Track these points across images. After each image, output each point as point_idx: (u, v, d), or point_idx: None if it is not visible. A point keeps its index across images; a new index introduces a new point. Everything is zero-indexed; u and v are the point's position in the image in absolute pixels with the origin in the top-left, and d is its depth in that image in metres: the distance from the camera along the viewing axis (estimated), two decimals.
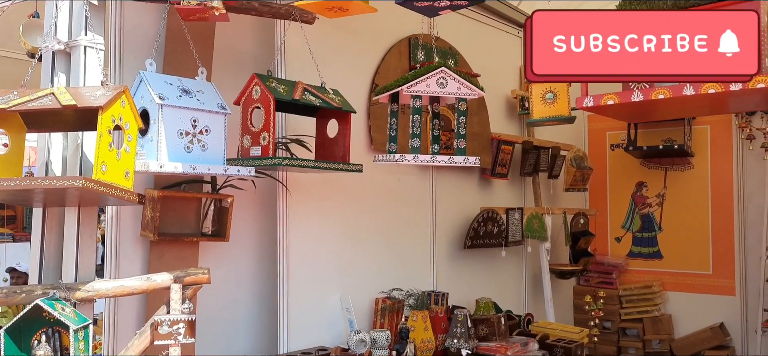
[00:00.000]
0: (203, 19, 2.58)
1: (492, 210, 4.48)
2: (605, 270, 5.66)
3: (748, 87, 2.07)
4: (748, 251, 5.23)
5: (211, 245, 3.01)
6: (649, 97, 2.25)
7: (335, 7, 2.26)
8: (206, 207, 2.92)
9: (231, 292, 3.19)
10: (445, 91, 2.85)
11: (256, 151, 2.60)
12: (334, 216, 3.50)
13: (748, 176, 5.24)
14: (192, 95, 2.49)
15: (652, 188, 5.72)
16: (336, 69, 3.40)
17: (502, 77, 4.93)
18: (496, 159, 4.66)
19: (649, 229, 5.73)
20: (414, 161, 2.85)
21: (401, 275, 3.85)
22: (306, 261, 3.28)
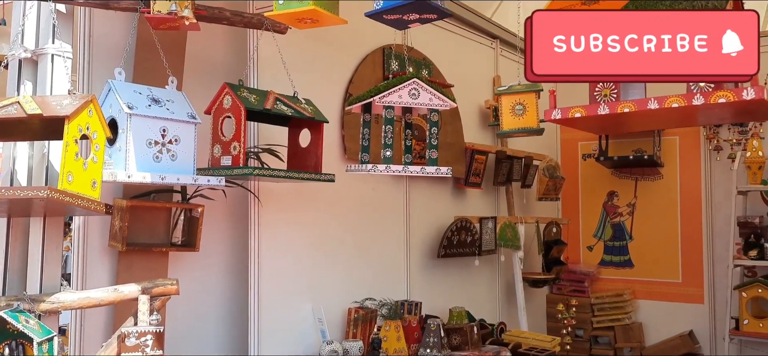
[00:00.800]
0: (174, 28, 2.57)
1: (465, 220, 4.51)
2: (577, 278, 5.73)
3: (710, 102, 2.12)
4: (716, 260, 5.34)
5: (181, 255, 2.98)
6: (615, 111, 2.30)
7: (306, 18, 2.26)
8: (176, 217, 2.89)
9: (201, 303, 3.16)
10: (417, 102, 2.87)
11: (227, 160, 2.59)
12: (306, 225, 3.49)
13: (715, 186, 5.35)
14: (162, 104, 2.48)
15: (623, 198, 5.81)
16: (309, 78, 3.40)
17: (476, 87, 4.97)
18: (469, 168, 4.69)
19: (620, 238, 5.82)
20: (386, 171, 2.86)
21: (374, 284, 3.85)
22: (278, 271, 3.26)
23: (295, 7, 2.18)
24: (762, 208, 5.10)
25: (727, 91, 2.09)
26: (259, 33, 2.96)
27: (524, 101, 2.89)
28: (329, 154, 3.45)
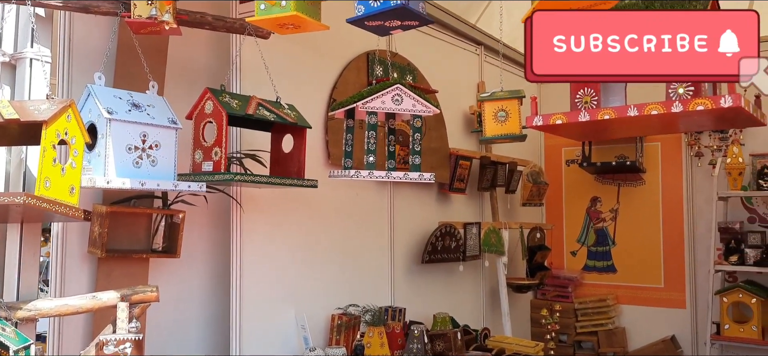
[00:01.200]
0: (154, 32, 2.55)
1: (450, 225, 4.52)
2: (561, 283, 5.76)
3: (688, 109, 2.14)
4: (697, 265, 5.39)
5: (162, 262, 2.95)
6: (595, 117, 2.31)
7: (288, 23, 2.25)
8: (157, 223, 2.87)
9: (182, 310, 3.13)
10: (400, 108, 2.86)
11: (208, 166, 2.57)
12: (289, 231, 3.48)
13: (697, 192, 5.41)
14: (142, 109, 2.45)
15: (606, 203, 5.85)
16: (293, 83, 3.39)
17: (460, 93, 4.99)
18: (454, 174, 4.70)
19: (603, 243, 5.86)
20: (369, 177, 2.85)
21: (358, 291, 3.84)
22: (260, 278, 3.25)
23: (276, 13, 2.18)
24: (742, 214, 5.16)
25: (705, 99, 2.11)
26: (242, 37, 2.95)
27: (507, 107, 2.90)
28: (313, 159, 3.44)
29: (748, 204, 5.17)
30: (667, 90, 2.24)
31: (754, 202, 5.14)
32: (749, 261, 4.72)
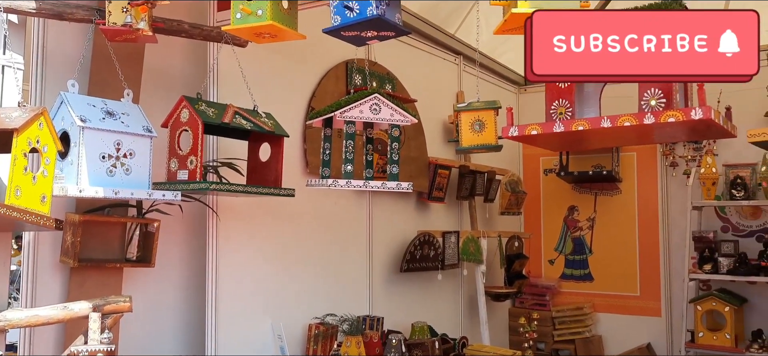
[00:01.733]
0: (130, 40, 2.53)
1: (428, 234, 4.52)
2: (539, 292, 5.79)
3: (660, 121, 2.17)
4: (672, 273, 5.46)
5: (137, 271, 2.92)
6: (569, 129, 2.33)
7: (264, 33, 2.25)
8: (131, 232, 2.84)
9: (157, 320, 3.10)
10: (378, 117, 2.86)
11: (184, 174, 2.55)
12: (266, 240, 3.46)
13: (671, 201, 5.48)
14: (116, 117, 2.43)
15: (583, 212, 5.91)
16: (271, 91, 3.38)
17: (439, 102, 5.01)
18: (433, 183, 4.72)
19: (581, 252, 5.91)
20: (347, 186, 2.85)
21: (336, 300, 3.83)
22: (236, 287, 3.22)
23: (253, 22, 2.17)
24: (716, 223, 5.25)
25: (676, 111, 2.14)
26: (219, 45, 2.94)
27: (483, 118, 2.92)
28: (291, 167, 3.43)
29: (722, 214, 5.25)
30: (640, 102, 2.27)
31: (728, 212, 5.23)
32: (722, 270, 4.79)
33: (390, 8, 2.06)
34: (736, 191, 4.79)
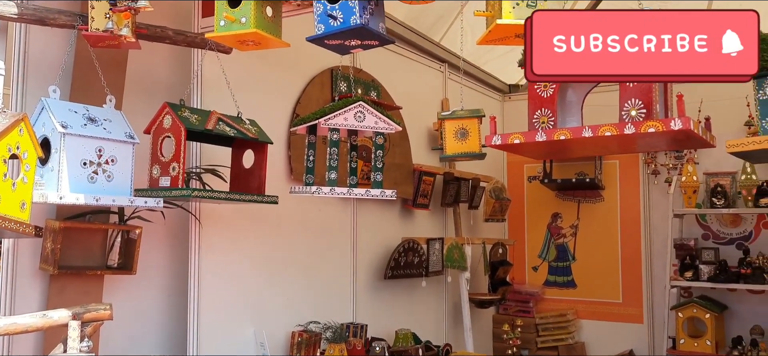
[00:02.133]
0: (113, 46, 2.52)
1: (413, 241, 4.53)
2: (523, 298, 5.82)
3: (640, 131, 2.20)
4: (654, 280, 5.51)
5: (118, 279, 2.89)
6: (551, 138, 2.35)
7: (248, 40, 2.25)
8: (112, 239, 2.81)
9: (138, 328, 3.07)
10: (362, 125, 2.87)
11: (166, 181, 2.54)
12: (250, 247, 3.45)
13: (653, 209, 5.54)
14: (98, 123, 2.42)
15: (567, 219, 5.95)
16: (256, 98, 3.38)
17: (424, 110, 5.02)
18: (417, 190, 4.73)
19: (564, 259, 5.95)
20: (331, 194, 2.84)
21: (320, 307, 3.82)
22: (219, 294, 3.21)
23: (236, 30, 2.17)
24: (697, 231, 5.31)
25: (656, 121, 2.17)
26: (203, 52, 2.93)
27: (467, 126, 2.94)
28: (275, 174, 3.43)
29: (703, 222, 5.32)
30: (620, 112, 2.30)
31: (708, 220, 5.29)
32: (703, 277, 4.84)
33: (374, 17, 2.06)
34: (717, 199, 4.86)
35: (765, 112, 2.26)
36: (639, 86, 2.28)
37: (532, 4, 1.95)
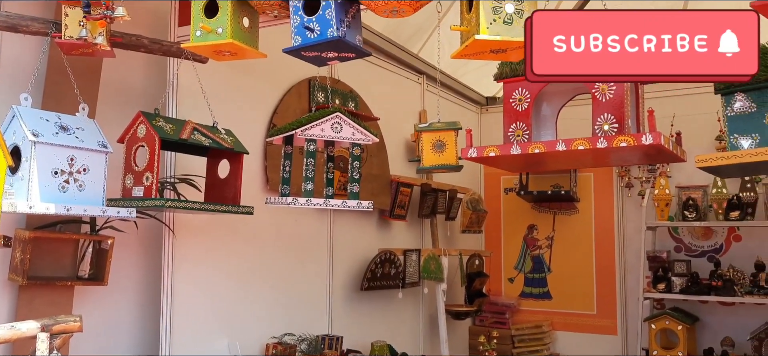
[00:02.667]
0: (87, 54, 2.49)
1: (390, 252, 4.53)
2: (499, 310, 5.84)
3: (612, 145, 2.23)
4: (628, 292, 5.58)
5: (89, 290, 2.85)
6: (526, 151, 2.38)
7: (224, 51, 2.24)
8: (83, 249, 2.77)
9: (109, 340, 3.02)
10: (339, 136, 2.87)
11: (139, 191, 2.51)
12: (224, 257, 3.42)
13: (627, 221, 5.61)
14: (70, 132, 2.38)
15: (542, 231, 6.00)
16: (232, 107, 3.36)
17: (402, 121, 5.04)
18: (394, 201, 4.73)
19: (540, 270, 5.99)
20: (307, 205, 2.84)
21: (295, 319, 3.79)
22: (192, 306, 3.17)
23: (213, 40, 2.16)
24: (669, 243, 5.38)
25: (627, 136, 2.21)
26: (180, 60, 2.91)
27: (444, 138, 2.95)
28: (251, 184, 3.40)
29: (675, 234, 5.40)
30: (593, 126, 2.33)
31: (680, 232, 5.38)
32: (675, 289, 4.91)
33: (350, 30, 2.07)
34: (688, 212, 4.93)
35: (733, 128, 2.30)
36: (611, 101, 2.32)
37: (509, 21, 1.97)
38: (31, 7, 2.63)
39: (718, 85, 2.35)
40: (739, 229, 5.14)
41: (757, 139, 2.27)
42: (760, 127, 2.26)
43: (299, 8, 2.04)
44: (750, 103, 2.28)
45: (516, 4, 1.90)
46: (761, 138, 2.26)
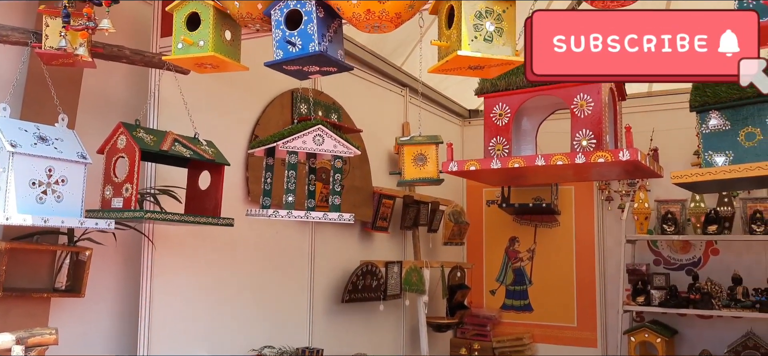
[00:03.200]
0: (67, 64, 2.48)
1: (371, 264, 4.53)
2: (480, 322, 5.86)
3: (590, 161, 2.26)
4: (607, 305, 5.62)
5: (66, 302, 2.81)
6: (506, 165, 2.40)
7: (206, 63, 2.24)
8: (61, 261, 2.74)
9: (86, 353, 2.98)
10: (321, 148, 2.88)
11: (118, 202, 2.49)
12: (204, 269, 3.40)
13: (607, 234, 5.67)
14: (49, 143, 2.36)
15: (524, 243, 6.04)
16: (214, 119, 3.35)
17: (385, 133, 5.06)
18: (377, 212, 4.74)
19: (521, 283, 6.02)
20: (288, 217, 2.83)
21: (275, 331, 3.78)
22: (171, 318, 3.14)
23: (194, 53, 2.16)
24: (649, 256, 5.45)
25: (605, 152, 2.24)
26: (162, 71, 2.90)
27: (425, 152, 2.97)
28: (232, 195, 3.39)
29: (654, 248, 5.46)
30: (572, 142, 2.36)
31: (659, 246, 5.44)
32: (654, 302, 4.96)
33: (332, 44, 2.08)
34: (667, 226, 5.00)
35: (708, 145, 2.34)
36: (590, 117, 2.35)
37: (489, 39, 1.99)
38: (12, 14, 2.61)
39: (693, 102, 2.40)
40: (717, 243, 5.22)
41: (731, 156, 2.31)
42: (733, 145, 2.30)
43: (281, 22, 2.05)
44: (724, 121, 2.33)
45: (496, 24, 1.92)
46: (735, 155, 2.30)
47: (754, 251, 5.06)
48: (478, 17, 1.90)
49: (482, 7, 1.89)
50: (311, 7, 2.01)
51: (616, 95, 2.57)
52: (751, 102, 2.26)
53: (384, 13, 1.95)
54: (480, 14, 1.90)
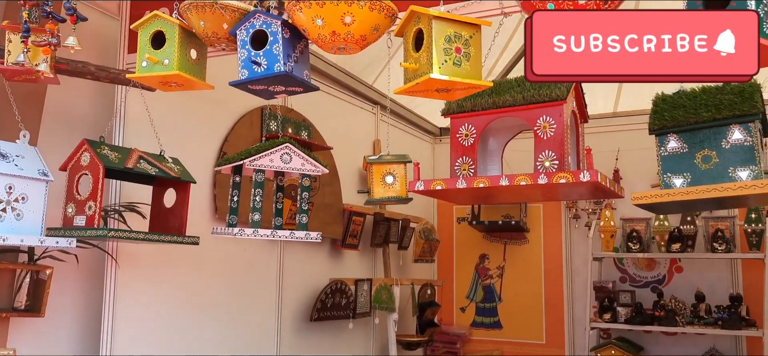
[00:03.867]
0: (30, 80, 2.45)
1: (341, 282, 4.52)
2: (450, 339, 5.86)
3: (552, 181, 2.30)
4: (575, 322, 5.68)
5: (25, 321, 2.75)
6: (471, 185, 2.43)
7: (171, 82, 2.22)
8: (20, 280, 2.68)
9: None
10: (289, 167, 2.88)
11: (81, 220, 2.45)
12: (170, 288, 3.35)
13: (574, 252, 5.74)
14: (9, 160, 2.33)
15: (494, 260, 6.08)
16: (182, 135, 3.33)
17: (356, 150, 5.07)
18: (347, 229, 4.74)
19: (491, 300, 6.06)
20: (254, 235, 2.82)
21: (242, 350, 3.74)
22: (135, 339, 3.09)
23: (159, 71, 2.14)
24: (615, 274, 5.53)
25: (566, 173, 2.28)
26: (128, 87, 2.87)
27: (394, 171, 2.98)
28: (200, 213, 3.37)
29: (620, 265, 5.55)
30: (535, 162, 2.40)
31: (625, 263, 5.53)
32: (620, 319, 5.03)
33: (298, 65, 2.09)
34: (632, 243, 5.08)
35: (666, 167, 2.40)
36: (552, 139, 2.40)
37: (458, 63, 2.02)
38: None
39: (653, 126, 2.46)
40: (681, 261, 5.32)
41: (689, 178, 2.37)
42: (691, 167, 2.36)
43: (246, 42, 2.05)
44: (682, 144, 2.39)
45: (464, 48, 1.95)
46: (693, 177, 2.36)
47: (716, 269, 5.17)
48: (447, 41, 1.93)
49: (451, 31, 1.92)
50: (277, 27, 2.02)
51: (579, 117, 2.62)
52: (707, 126, 2.32)
53: (349, 36, 1.96)
54: (449, 38, 1.93)
